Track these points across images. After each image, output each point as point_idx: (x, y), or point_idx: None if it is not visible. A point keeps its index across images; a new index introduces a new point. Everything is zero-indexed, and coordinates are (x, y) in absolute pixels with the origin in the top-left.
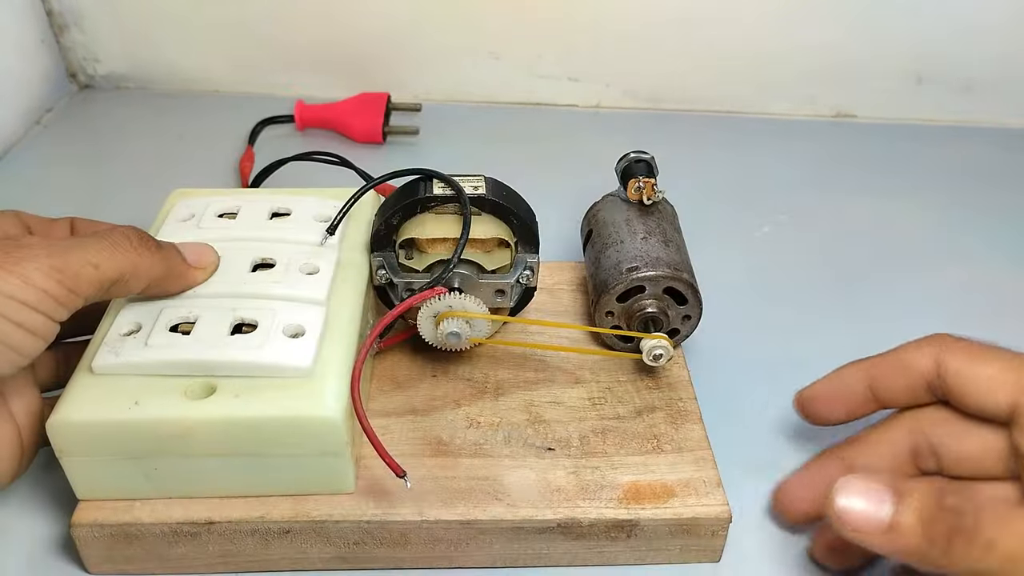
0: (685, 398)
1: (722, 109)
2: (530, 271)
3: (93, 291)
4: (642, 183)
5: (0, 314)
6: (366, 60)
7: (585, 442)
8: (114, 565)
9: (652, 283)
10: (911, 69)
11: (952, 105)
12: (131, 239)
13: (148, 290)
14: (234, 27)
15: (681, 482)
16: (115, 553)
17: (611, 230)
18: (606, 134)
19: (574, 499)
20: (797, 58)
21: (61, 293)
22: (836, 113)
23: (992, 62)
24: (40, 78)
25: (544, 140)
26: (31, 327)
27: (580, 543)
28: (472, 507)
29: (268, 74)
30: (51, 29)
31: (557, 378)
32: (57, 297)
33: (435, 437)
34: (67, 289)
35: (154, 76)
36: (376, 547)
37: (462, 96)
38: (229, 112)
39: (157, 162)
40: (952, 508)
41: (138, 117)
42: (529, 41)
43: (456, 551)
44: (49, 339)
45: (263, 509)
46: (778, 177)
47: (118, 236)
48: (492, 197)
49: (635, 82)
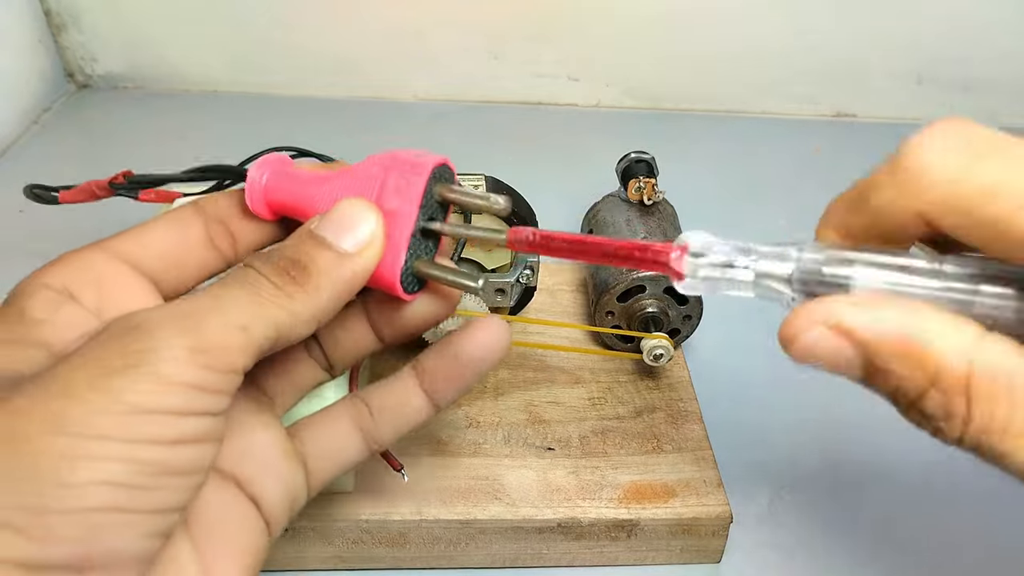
0: (685, 398)
1: (722, 109)
2: (530, 271)
3: (250, 361)
4: (642, 183)
5: (145, 439)
6: (366, 60)
7: (585, 442)
8: None
9: (652, 283)
10: (911, 69)
11: (952, 105)
12: (271, 279)
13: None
14: (233, 27)
15: (681, 482)
16: None
17: (611, 230)
18: (606, 134)
19: (574, 499)
20: (797, 58)
21: (213, 380)
22: (836, 113)
23: (992, 61)
24: (38, 78)
25: (544, 140)
26: (192, 436)
27: (580, 543)
28: (471, 506)
29: (267, 74)
30: (49, 29)
31: (557, 378)
32: (210, 387)
33: (434, 437)
34: (219, 372)
35: (152, 76)
36: (375, 546)
37: (462, 96)
38: (228, 112)
39: (155, 162)
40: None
41: (136, 117)
42: (529, 41)
43: (455, 551)
44: (220, 437)
45: None
46: (778, 177)
47: (254, 279)
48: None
49: (635, 82)
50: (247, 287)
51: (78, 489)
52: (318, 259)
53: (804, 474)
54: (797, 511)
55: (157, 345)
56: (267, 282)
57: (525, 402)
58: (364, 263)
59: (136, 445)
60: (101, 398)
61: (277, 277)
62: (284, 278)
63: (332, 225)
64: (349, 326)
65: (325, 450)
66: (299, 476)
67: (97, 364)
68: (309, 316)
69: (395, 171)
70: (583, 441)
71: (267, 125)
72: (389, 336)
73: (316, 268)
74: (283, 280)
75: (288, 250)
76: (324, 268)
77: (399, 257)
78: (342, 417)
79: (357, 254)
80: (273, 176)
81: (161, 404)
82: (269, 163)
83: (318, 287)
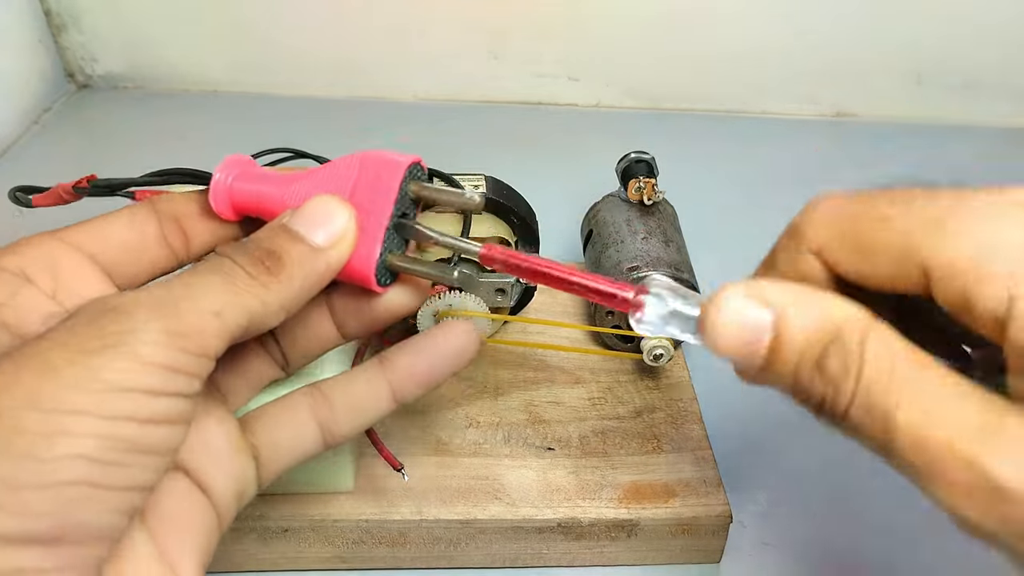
0: (685, 398)
1: (722, 109)
2: None
3: (222, 346)
4: (642, 183)
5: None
6: (366, 60)
7: (585, 442)
8: None
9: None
10: (911, 69)
11: (952, 105)
12: (246, 268)
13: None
14: (233, 27)
15: (681, 482)
16: None
17: (612, 230)
18: (606, 134)
19: (574, 499)
20: (797, 58)
21: (188, 362)
22: (836, 113)
23: (992, 62)
24: (38, 78)
25: (544, 140)
26: (165, 416)
27: (580, 543)
28: (471, 506)
29: (267, 74)
30: (49, 29)
31: (557, 378)
32: (184, 368)
33: (434, 437)
34: (192, 355)
35: (152, 76)
36: (375, 546)
37: (462, 96)
38: (228, 112)
39: (155, 162)
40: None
41: (136, 117)
42: (529, 41)
43: (455, 550)
44: (190, 419)
45: (262, 508)
46: (778, 177)
47: (228, 268)
48: (492, 196)
49: (635, 82)
50: (222, 275)
51: (53, 463)
52: (291, 251)
53: (804, 474)
54: (797, 511)
55: (135, 327)
56: (242, 271)
57: (525, 402)
58: (336, 256)
59: (111, 421)
60: (78, 375)
61: (252, 267)
62: (259, 267)
63: (304, 220)
64: (309, 322)
65: (279, 442)
66: (249, 470)
67: (74, 343)
68: (279, 306)
69: (368, 169)
70: (583, 441)
71: (267, 125)
72: (354, 330)
73: (290, 259)
74: (258, 270)
75: (263, 241)
76: (297, 260)
77: (374, 251)
78: (300, 407)
79: (329, 248)
80: (239, 178)
81: (137, 383)
82: (233, 164)
83: (291, 277)
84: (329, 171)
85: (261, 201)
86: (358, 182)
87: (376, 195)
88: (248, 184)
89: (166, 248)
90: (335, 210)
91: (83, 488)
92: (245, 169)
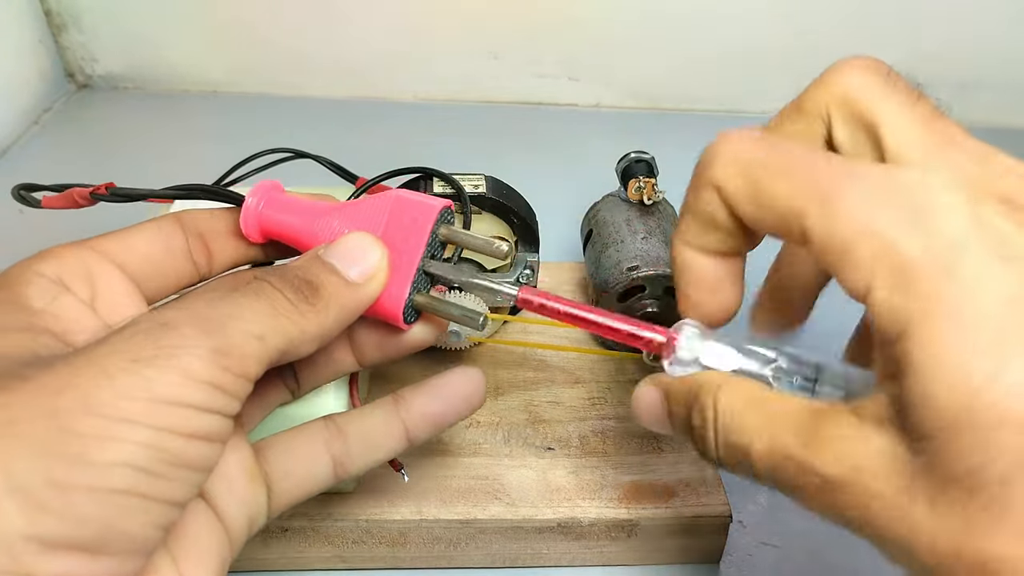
0: None
1: (722, 109)
2: (530, 270)
3: (261, 370)
4: (642, 183)
5: (168, 428)
6: (366, 60)
7: (585, 442)
8: None
9: (653, 282)
10: (911, 69)
11: (952, 105)
12: (286, 295)
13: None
14: (233, 27)
15: (681, 482)
16: None
17: (611, 230)
18: (606, 134)
19: (574, 499)
20: (797, 58)
21: (230, 382)
22: None
23: (992, 63)
24: (38, 78)
25: (544, 140)
26: (207, 433)
27: (580, 543)
28: (471, 506)
29: (267, 74)
30: (49, 29)
31: (557, 378)
32: (227, 388)
33: (434, 436)
34: (235, 375)
35: (152, 76)
36: (375, 546)
37: (462, 96)
38: (228, 112)
39: (155, 163)
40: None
41: (136, 117)
42: (529, 41)
43: (455, 550)
44: (227, 440)
45: None
46: None
47: (270, 293)
48: (492, 196)
49: (635, 82)
50: (264, 299)
51: (104, 468)
52: (327, 283)
53: None
54: (797, 511)
55: (185, 343)
56: (282, 297)
57: (525, 402)
58: (368, 293)
59: (160, 432)
60: (132, 383)
61: (292, 294)
62: (298, 295)
63: (339, 254)
64: (331, 350)
65: (292, 472)
66: (261, 498)
67: (129, 353)
68: (316, 335)
69: (401, 210)
70: (583, 441)
71: (267, 125)
72: (372, 359)
73: (326, 291)
74: (297, 297)
75: (300, 271)
76: (333, 292)
77: (404, 290)
78: (316, 440)
79: (363, 284)
80: (269, 204)
81: (186, 397)
82: (264, 190)
83: (327, 308)
84: (361, 208)
85: (291, 231)
86: (390, 222)
87: (408, 236)
88: (279, 213)
89: (190, 263)
90: (369, 248)
91: (130, 497)
92: (275, 195)
